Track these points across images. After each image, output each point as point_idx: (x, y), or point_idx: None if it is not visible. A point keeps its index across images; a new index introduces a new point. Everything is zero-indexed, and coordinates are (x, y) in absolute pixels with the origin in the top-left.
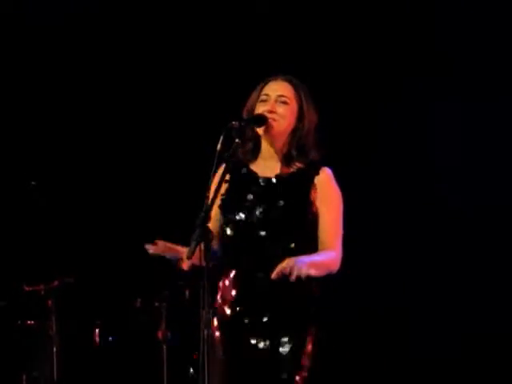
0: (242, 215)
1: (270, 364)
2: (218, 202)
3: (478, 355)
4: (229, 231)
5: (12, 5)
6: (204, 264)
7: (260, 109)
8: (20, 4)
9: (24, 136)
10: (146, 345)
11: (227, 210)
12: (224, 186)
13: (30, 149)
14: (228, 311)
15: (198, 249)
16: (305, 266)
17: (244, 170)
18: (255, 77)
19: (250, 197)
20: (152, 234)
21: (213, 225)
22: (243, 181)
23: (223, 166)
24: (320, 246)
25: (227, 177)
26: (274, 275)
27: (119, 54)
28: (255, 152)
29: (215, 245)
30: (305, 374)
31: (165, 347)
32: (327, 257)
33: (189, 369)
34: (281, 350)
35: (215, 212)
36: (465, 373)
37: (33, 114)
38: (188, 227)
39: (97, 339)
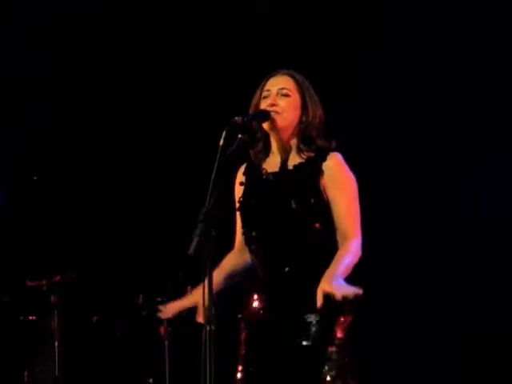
0: (257, 213)
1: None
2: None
3: (478, 357)
4: (249, 232)
5: (12, 5)
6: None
7: (263, 105)
8: (21, 4)
9: (26, 132)
10: (148, 340)
11: (244, 211)
12: (240, 189)
13: (32, 144)
14: (258, 311)
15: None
16: (343, 287)
17: (258, 169)
18: (257, 73)
19: (262, 194)
20: (154, 229)
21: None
22: (257, 180)
23: (241, 167)
24: (338, 233)
25: (243, 179)
26: (319, 304)
27: (120, 51)
28: (266, 150)
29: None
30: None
31: (166, 343)
32: (352, 254)
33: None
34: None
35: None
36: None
37: (34, 113)
38: (190, 223)
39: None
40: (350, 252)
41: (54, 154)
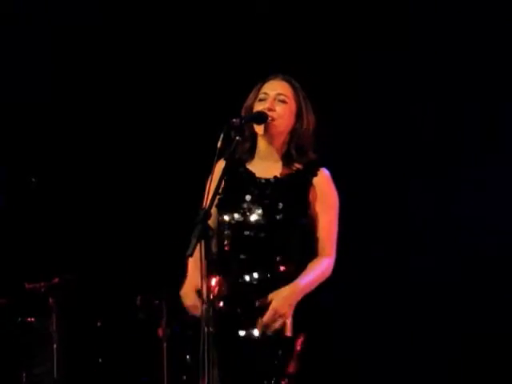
0: (240, 216)
1: (257, 364)
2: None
3: (477, 355)
4: (226, 231)
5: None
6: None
7: (259, 107)
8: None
9: (26, 133)
10: (146, 342)
11: (224, 209)
12: (220, 184)
13: (31, 146)
14: (220, 307)
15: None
16: (288, 314)
17: (241, 170)
18: (254, 75)
19: (248, 197)
20: (152, 232)
21: (212, 223)
22: (241, 181)
23: (220, 162)
24: (315, 248)
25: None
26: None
27: (119, 52)
28: (252, 151)
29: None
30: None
31: (165, 345)
32: (321, 270)
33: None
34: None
35: (214, 210)
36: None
37: (34, 113)
38: (188, 224)
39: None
40: (319, 269)
41: (53, 156)
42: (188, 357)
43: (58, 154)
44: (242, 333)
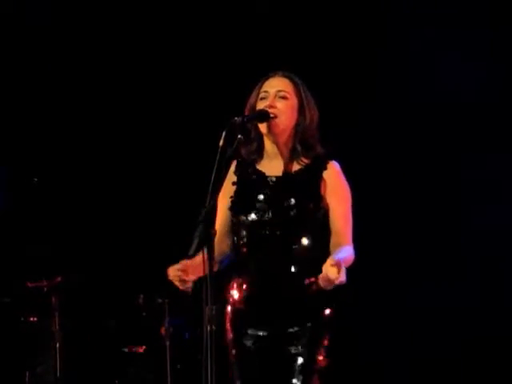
0: (255, 216)
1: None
2: (225, 202)
3: (477, 357)
4: (242, 232)
5: (12, 5)
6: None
7: (260, 106)
8: (19, 4)
9: (27, 134)
10: (149, 341)
11: (239, 211)
12: (232, 188)
13: (33, 146)
14: (243, 308)
15: (202, 260)
16: (343, 273)
17: (251, 170)
18: (256, 73)
19: (261, 197)
20: (154, 230)
21: (218, 224)
22: (252, 181)
23: (233, 163)
24: (333, 240)
25: (234, 178)
26: (321, 282)
27: (120, 52)
28: (259, 151)
29: (226, 248)
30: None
31: (168, 343)
32: (349, 254)
33: None
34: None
35: (222, 213)
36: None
37: (35, 114)
38: (190, 223)
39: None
40: (347, 251)
41: (55, 156)
42: None
43: (59, 154)
44: (265, 332)
